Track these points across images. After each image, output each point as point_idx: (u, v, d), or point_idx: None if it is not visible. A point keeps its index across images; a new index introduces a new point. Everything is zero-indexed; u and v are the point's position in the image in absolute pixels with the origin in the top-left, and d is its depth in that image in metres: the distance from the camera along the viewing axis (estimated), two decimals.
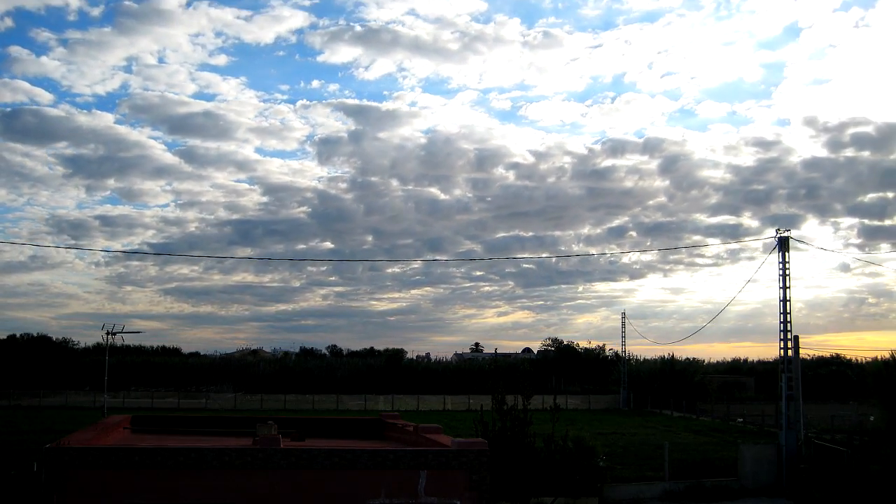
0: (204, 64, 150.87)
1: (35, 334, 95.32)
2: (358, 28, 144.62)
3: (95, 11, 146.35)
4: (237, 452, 14.85)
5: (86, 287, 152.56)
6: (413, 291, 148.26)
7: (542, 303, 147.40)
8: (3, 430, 41.70)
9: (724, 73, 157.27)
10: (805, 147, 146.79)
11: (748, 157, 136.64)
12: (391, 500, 14.74)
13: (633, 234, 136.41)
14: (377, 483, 14.75)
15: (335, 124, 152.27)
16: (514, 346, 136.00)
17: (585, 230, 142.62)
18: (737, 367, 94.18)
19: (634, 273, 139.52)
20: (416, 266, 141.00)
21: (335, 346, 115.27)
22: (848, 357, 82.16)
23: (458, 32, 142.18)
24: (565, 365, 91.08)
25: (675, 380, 69.97)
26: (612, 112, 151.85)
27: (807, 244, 37.65)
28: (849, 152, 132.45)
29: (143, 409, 59.65)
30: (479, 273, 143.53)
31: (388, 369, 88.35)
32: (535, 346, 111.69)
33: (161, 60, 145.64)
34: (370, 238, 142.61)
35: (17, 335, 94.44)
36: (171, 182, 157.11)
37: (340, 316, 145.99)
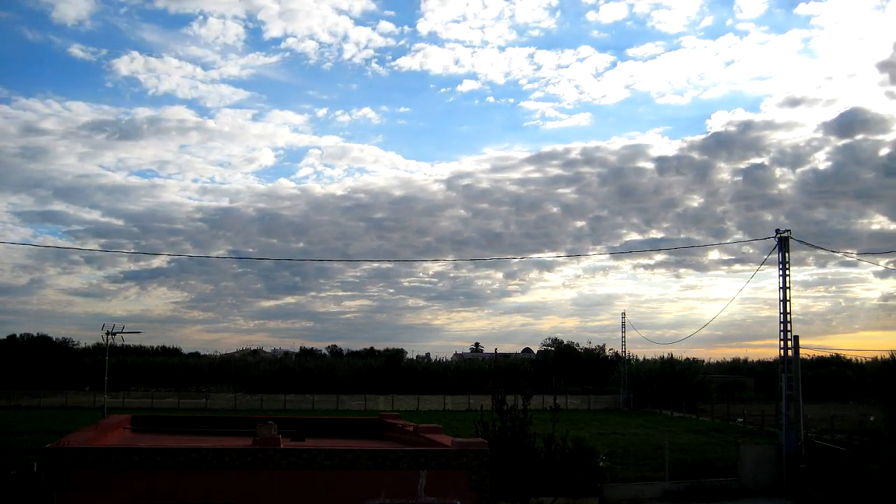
0: None
1: (35, 334, 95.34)
2: None
3: None
4: (237, 452, 14.82)
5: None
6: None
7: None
8: (3, 430, 41.70)
9: None
10: None
11: None
12: (391, 500, 14.72)
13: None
14: (377, 483, 14.73)
15: None
16: (513, 346, 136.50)
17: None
18: (737, 368, 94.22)
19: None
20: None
21: (335, 346, 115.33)
22: (848, 357, 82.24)
23: None
24: (565, 365, 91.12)
25: (675, 380, 69.97)
26: None
27: (807, 244, 37.58)
28: None
29: (143, 409, 59.62)
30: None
31: (388, 369, 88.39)
32: (535, 347, 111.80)
33: None
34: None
35: (17, 335, 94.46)
36: None
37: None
